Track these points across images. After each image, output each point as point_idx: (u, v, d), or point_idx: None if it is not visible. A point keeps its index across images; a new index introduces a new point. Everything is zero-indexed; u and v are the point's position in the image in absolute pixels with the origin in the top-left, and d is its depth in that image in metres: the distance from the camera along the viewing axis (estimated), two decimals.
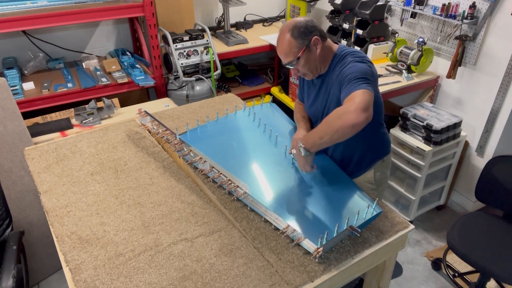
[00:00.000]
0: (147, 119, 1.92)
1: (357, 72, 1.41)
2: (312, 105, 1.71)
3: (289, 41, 1.49)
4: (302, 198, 1.49)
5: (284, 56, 1.53)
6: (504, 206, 2.13)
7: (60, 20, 2.31)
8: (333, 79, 1.55)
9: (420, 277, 2.40)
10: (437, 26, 2.66)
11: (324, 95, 1.62)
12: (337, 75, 1.51)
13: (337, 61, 1.55)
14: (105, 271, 1.22)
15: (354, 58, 1.50)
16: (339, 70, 1.51)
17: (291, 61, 1.53)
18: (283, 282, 1.20)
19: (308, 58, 1.52)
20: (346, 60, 1.51)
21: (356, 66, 1.45)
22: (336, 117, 1.34)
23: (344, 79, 1.44)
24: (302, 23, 1.49)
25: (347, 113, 1.31)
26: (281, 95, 3.34)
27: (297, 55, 1.50)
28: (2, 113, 1.89)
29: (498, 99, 2.46)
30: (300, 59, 1.51)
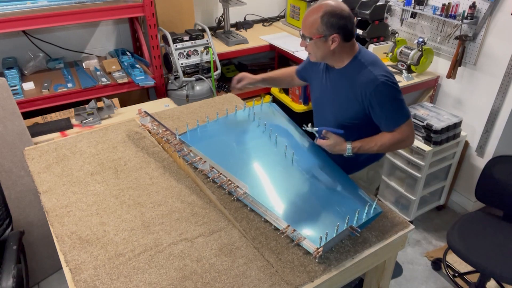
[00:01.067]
0: (147, 119, 1.92)
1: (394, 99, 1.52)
2: (320, 97, 1.72)
3: (315, 19, 1.47)
4: (302, 198, 1.49)
5: (304, 27, 1.51)
6: (504, 206, 2.13)
7: (60, 20, 2.31)
8: (353, 85, 1.54)
9: (420, 277, 2.40)
10: (437, 26, 2.66)
11: (336, 92, 1.62)
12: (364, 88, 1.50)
13: (356, 66, 1.54)
14: (105, 271, 1.22)
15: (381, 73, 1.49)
16: (367, 84, 1.49)
17: (303, 34, 1.52)
18: (283, 282, 1.20)
19: (320, 46, 1.51)
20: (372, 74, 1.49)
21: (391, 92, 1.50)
22: (397, 146, 1.59)
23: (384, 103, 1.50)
24: (338, 15, 1.45)
25: (406, 142, 1.57)
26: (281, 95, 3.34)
27: (311, 35, 1.49)
28: (2, 113, 1.89)
29: (498, 99, 2.46)
30: (312, 41, 1.50)
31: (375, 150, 1.57)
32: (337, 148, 1.56)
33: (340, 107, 1.62)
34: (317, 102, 1.75)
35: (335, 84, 1.62)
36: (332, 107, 1.65)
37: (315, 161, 1.66)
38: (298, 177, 1.58)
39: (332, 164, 1.66)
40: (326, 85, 1.67)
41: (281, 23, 3.67)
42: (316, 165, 1.64)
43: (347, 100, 1.58)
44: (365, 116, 1.58)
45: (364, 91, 1.51)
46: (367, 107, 1.54)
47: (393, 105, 1.52)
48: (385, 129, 1.56)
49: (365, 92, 1.51)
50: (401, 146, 1.60)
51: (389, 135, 1.55)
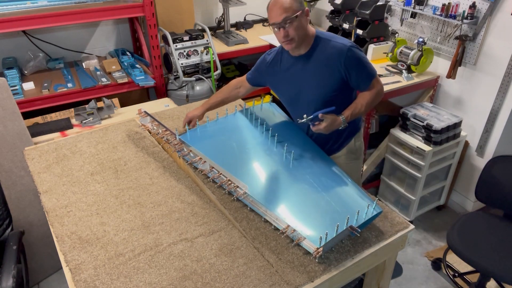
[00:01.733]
0: (147, 119, 1.92)
1: (364, 58, 1.65)
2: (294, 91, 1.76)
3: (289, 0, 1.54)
4: (302, 198, 1.49)
5: (283, 11, 1.54)
6: (504, 206, 2.13)
7: (60, 20, 2.31)
8: (324, 60, 1.64)
9: (420, 277, 2.40)
10: (437, 26, 2.66)
11: (310, 75, 1.69)
12: (337, 58, 1.60)
13: (322, 44, 1.65)
14: (105, 271, 1.22)
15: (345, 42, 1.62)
16: (339, 54, 1.60)
17: (288, 17, 1.54)
18: (283, 282, 1.20)
19: (301, 23, 1.58)
20: (339, 44, 1.61)
21: (361, 53, 1.63)
22: (378, 99, 1.71)
23: (357, 66, 1.63)
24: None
25: (381, 94, 1.72)
26: None
27: (296, 13, 1.54)
28: (2, 113, 1.89)
29: (498, 99, 2.46)
30: (297, 18, 1.55)
31: (363, 111, 1.68)
32: (334, 125, 1.62)
33: (320, 87, 1.68)
34: (293, 96, 1.79)
35: (307, 69, 1.69)
36: (312, 91, 1.71)
37: (315, 161, 1.66)
38: (298, 177, 1.58)
39: (332, 164, 1.66)
40: (298, 75, 1.72)
41: None
42: (316, 165, 1.64)
43: (325, 77, 1.66)
44: (343, 85, 1.67)
45: (338, 61, 1.61)
46: (344, 74, 1.64)
47: (364, 65, 1.64)
48: (363, 88, 1.68)
49: (339, 61, 1.61)
50: (378, 99, 1.71)
51: (368, 93, 1.68)
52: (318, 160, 1.67)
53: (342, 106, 1.67)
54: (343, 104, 1.68)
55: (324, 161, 1.68)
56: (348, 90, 1.71)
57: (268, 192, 1.49)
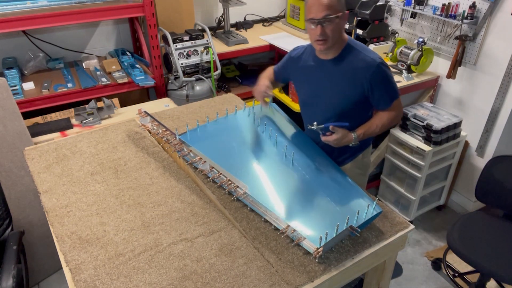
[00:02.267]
0: (147, 119, 1.92)
1: (391, 78, 1.62)
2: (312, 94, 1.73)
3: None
4: (302, 198, 1.49)
5: (326, 7, 1.49)
6: (504, 206, 2.13)
7: (60, 20, 2.31)
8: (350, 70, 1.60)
9: (420, 277, 2.40)
10: (437, 26, 2.66)
11: (331, 82, 1.65)
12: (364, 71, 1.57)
13: (351, 53, 1.61)
14: (105, 271, 1.22)
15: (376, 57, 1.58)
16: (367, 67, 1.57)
17: (329, 15, 1.50)
18: (283, 282, 1.20)
19: (339, 25, 1.55)
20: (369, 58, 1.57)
21: (388, 71, 1.60)
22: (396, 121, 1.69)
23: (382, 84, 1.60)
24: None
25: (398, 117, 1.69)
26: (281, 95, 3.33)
27: (337, 13, 1.51)
28: (2, 113, 1.89)
29: (498, 99, 2.46)
30: (337, 19, 1.52)
31: (377, 132, 1.66)
32: (344, 140, 1.59)
33: (339, 96, 1.65)
34: (310, 98, 1.76)
35: (331, 75, 1.65)
36: (331, 99, 1.67)
37: (315, 161, 1.66)
38: (298, 177, 1.58)
39: (332, 164, 1.66)
40: (319, 79, 1.69)
41: (281, 23, 3.67)
42: (316, 165, 1.64)
43: (346, 87, 1.62)
44: (363, 100, 1.64)
45: (364, 75, 1.57)
46: (366, 90, 1.60)
47: (389, 84, 1.61)
48: (382, 107, 1.65)
49: (364, 75, 1.57)
50: (395, 122, 1.69)
51: (386, 114, 1.65)
52: (318, 160, 1.67)
53: (357, 122, 1.65)
54: (358, 120, 1.66)
55: (324, 161, 1.68)
56: (366, 106, 1.68)
57: (268, 192, 1.49)
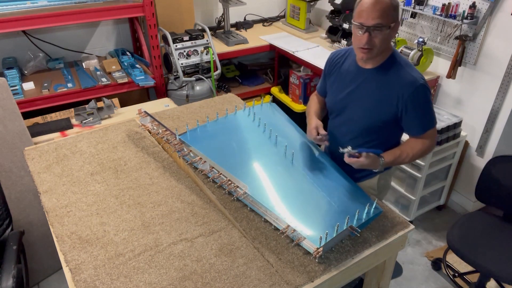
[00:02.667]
0: (147, 119, 1.92)
1: (431, 103, 1.51)
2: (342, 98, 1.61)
3: (388, 5, 1.38)
4: (302, 198, 1.49)
5: (379, 16, 1.37)
6: (504, 206, 2.13)
7: (60, 20, 2.31)
8: (389, 83, 1.49)
9: (420, 277, 2.40)
10: (437, 26, 2.66)
11: (365, 92, 1.54)
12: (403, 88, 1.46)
13: (394, 65, 1.49)
14: (105, 271, 1.22)
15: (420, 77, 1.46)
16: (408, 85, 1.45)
17: (380, 24, 1.38)
18: (283, 282, 1.20)
19: (390, 35, 1.44)
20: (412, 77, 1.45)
21: (429, 95, 1.49)
22: (424, 152, 1.55)
23: (421, 107, 1.48)
24: (398, 4, 1.43)
25: (431, 148, 1.56)
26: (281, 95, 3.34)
27: (390, 23, 1.40)
28: (2, 113, 1.89)
29: (498, 99, 2.46)
30: (389, 29, 1.41)
31: (406, 162, 1.55)
32: (369, 165, 1.48)
33: (370, 110, 1.54)
34: (338, 106, 1.65)
35: (367, 84, 1.54)
36: (362, 111, 1.56)
37: (315, 161, 1.66)
38: (298, 177, 1.58)
39: (332, 164, 1.66)
40: (354, 86, 1.57)
41: (281, 23, 3.67)
42: (316, 165, 1.64)
43: (379, 101, 1.51)
44: (393, 121, 1.53)
45: (401, 92, 1.46)
46: (400, 110, 1.49)
47: (427, 109, 1.49)
48: (415, 133, 1.53)
49: (402, 93, 1.46)
50: (427, 153, 1.57)
51: (419, 144, 1.52)
52: (318, 160, 1.67)
53: (385, 143, 1.54)
54: (387, 142, 1.56)
55: (324, 161, 1.68)
56: (396, 129, 1.57)
57: (268, 192, 1.49)
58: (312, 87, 3.14)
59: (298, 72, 3.13)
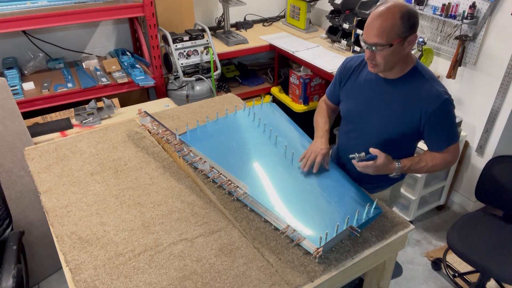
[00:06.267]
0: (147, 119, 1.92)
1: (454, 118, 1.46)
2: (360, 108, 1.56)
3: (395, 21, 1.29)
4: (302, 198, 1.49)
5: (376, 34, 1.31)
6: (504, 206, 2.13)
7: (60, 20, 2.31)
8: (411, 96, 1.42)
9: (420, 277, 2.40)
10: (437, 26, 2.66)
11: (385, 103, 1.48)
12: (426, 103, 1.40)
13: (417, 78, 1.43)
14: (105, 271, 1.22)
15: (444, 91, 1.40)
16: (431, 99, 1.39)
17: (379, 44, 1.32)
18: (283, 282, 1.20)
19: (395, 52, 1.34)
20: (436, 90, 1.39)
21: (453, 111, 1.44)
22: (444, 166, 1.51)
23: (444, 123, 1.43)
24: (414, 13, 1.32)
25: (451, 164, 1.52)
26: (281, 95, 3.34)
27: (391, 41, 1.31)
28: (2, 113, 1.89)
29: (498, 99, 2.46)
30: (391, 47, 1.32)
31: (424, 170, 1.49)
32: (385, 168, 1.42)
33: (389, 121, 1.48)
34: (355, 114, 1.59)
35: (387, 96, 1.47)
36: (379, 121, 1.50)
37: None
38: (298, 177, 1.58)
39: (332, 164, 1.66)
40: (373, 96, 1.51)
41: (281, 23, 3.67)
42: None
43: (400, 114, 1.45)
44: (414, 133, 1.47)
45: (424, 107, 1.39)
46: (423, 124, 1.43)
47: (450, 125, 1.44)
48: (436, 148, 1.48)
49: (425, 108, 1.39)
50: (446, 167, 1.54)
51: (440, 157, 1.46)
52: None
53: (398, 157, 1.47)
54: (403, 154, 1.50)
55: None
56: (413, 143, 1.54)
57: (268, 192, 1.49)
58: (312, 87, 3.15)
59: (298, 72, 3.13)
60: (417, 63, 1.45)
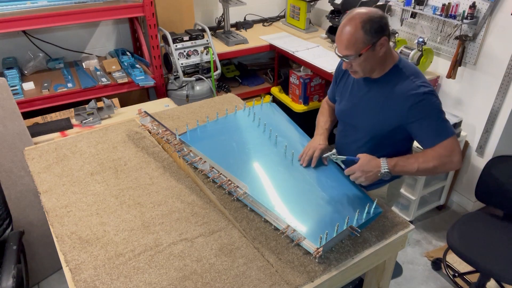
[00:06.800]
0: (147, 119, 1.92)
1: (440, 112, 1.41)
2: (349, 108, 1.60)
3: (357, 33, 1.34)
4: (302, 198, 1.49)
5: (344, 48, 1.37)
6: (504, 206, 2.13)
7: (60, 20, 2.31)
8: (392, 94, 1.45)
9: (420, 277, 2.40)
10: (437, 26, 2.66)
11: (371, 102, 1.52)
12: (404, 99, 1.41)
13: (397, 76, 1.45)
14: (105, 271, 1.22)
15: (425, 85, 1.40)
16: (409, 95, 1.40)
17: (349, 55, 1.38)
18: (283, 282, 1.20)
19: (369, 58, 1.39)
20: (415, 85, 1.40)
21: (436, 103, 1.41)
22: (441, 164, 1.40)
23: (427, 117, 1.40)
24: (377, 18, 1.35)
25: (452, 163, 1.41)
26: (281, 95, 3.34)
27: (360, 51, 1.36)
28: (2, 113, 1.89)
29: (498, 99, 2.46)
30: (361, 56, 1.37)
31: (415, 168, 1.41)
32: (369, 165, 1.42)
33: (375, 120, 1.51)
34: (345, 115, 1.64)
35: (371, 95, 1.51)
36: (366, 121, 1.54)
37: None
38: (298, 177, 1.58)
39: (332, 164, 1.66)
40: (360, 96, 1.56)
41: (281, 23, 3.68)
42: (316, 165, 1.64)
43: (383, 112, 1.48)
44: (401, 131, 1.48)
45: (404, 103, 1.41)
46: (406, 121, 1.43)
47: (436, 118, 1.40)
48: (427, 145, 1.43)
49: (405, 103, 1.41)
50: (447, 167, 1.41)
51: (432, 152, 1.40)
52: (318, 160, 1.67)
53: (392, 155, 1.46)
54: (396, 153, 1.49)
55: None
56: (404, 140, 1.52)
57: (268, 192, 1.49)
58: (312, 87, 3.15)
59: (298, 72, 3.13)
60: (398, 61, 1.47)
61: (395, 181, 1.72)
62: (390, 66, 1.47)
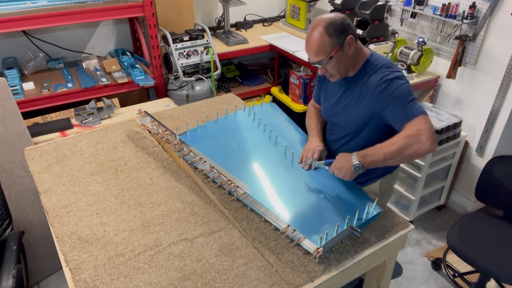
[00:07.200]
0: (147, 119, 1.92)
1: (408, 94, 1.42)
2: (331, 108, 1.67)
3: (322, 38, 1.41)
4: (302, 198, 1.49)
5: (315, 55, 1.45)
6: (504, 206, 2.13)
7: (60, 20, 2.31)
8: (364, 87, 1.50)
9: (420, 277, 2.40)
10: (437, 26, 2.66)
11: (348, 99, 1.57)
12: (374, 88, 1.46)
13: (369, 69, 1.50)
14: (105, 271, 1.22)
15: (393, 73, 1.45)
16: (377, 84, 1.45)
17: (321, 60, 1.44)
18: (283, 282, 1.20)
19: (340, 59, 1.45)
20: (383, 74, 1.45)
21: (403, 86, 1.43)
22: (407, 144, 1.36)
23: (394, 100, 1.42)
24: (338, 20, 1.41)
25: (420, 142, 1.35)
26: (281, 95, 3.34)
27: (329, 54, 1.43)
28: (2, 113, 1.89)
29: (498, 99, 2.46)
30: (332, 59, 1.44)
31: (382, 154, 1.40)
32: (342, 160, 1.48)
33: (353, 114, 1.56)
34: (329, 114, 1.70)
35: (348, 92, 1.57)
36: (346, 116, 1.60)
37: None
38: (298, 177, 1.58)
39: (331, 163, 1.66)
40: (338, 95, 1.62)
41: (281, 23, 3.67)
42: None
43: (358, 104, 1.53)
44: (380, 123, 1.51)
45: (374, 92, 1.46)
46: (378, 109, 1.47)
47: (402, 99, 1.41)
48: (398, 128, 1.43)
49: (375, 91, 1.45)
50: (414, 146, 1.35)
51: (398, 134, 1.40)
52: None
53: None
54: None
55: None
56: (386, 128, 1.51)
57: (268, 192, 1.49)
58: (312, 87, 3.14)
59: (298, 72, 3.13)
60: (370, 56, 1.53)
61: (387, 177, 1.74)
62: (362, 62, 1.53)
